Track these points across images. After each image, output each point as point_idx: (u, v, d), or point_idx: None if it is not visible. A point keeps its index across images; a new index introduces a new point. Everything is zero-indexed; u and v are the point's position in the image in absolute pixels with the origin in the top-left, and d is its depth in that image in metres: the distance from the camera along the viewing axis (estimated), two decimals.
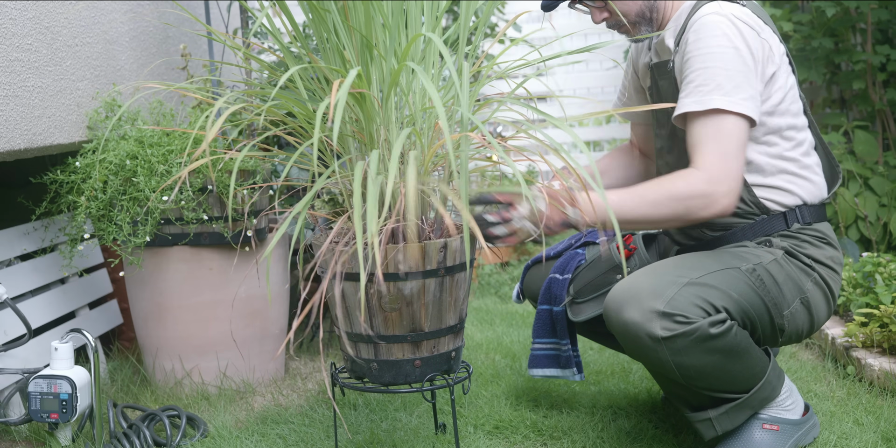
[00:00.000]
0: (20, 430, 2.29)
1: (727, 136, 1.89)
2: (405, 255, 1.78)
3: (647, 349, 1.82)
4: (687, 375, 1.85)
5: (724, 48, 1.91)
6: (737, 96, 1.89)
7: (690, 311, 1.80)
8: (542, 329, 2.24)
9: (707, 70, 1.91)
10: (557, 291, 2.19)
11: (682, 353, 1.81)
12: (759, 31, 1.95)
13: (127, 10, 2.86)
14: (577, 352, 2.21)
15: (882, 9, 3.64)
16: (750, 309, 1.89)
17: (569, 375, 2.22)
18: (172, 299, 2.53)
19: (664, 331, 1.79)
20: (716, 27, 1.92)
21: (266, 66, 2.02)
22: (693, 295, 1.82)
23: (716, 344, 1.82)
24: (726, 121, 1.89)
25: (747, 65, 1.91)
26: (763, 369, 1.93)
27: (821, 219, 2.05)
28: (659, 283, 1.83)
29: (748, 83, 1.90)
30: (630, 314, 1.82)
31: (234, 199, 2.47)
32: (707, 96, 1.89)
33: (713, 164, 1.88)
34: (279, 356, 2.70)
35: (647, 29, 2.08)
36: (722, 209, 1.89)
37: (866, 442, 2.06)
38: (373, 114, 1.84)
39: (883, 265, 2.79)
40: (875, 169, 3.64)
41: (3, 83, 2.26)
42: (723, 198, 1.88)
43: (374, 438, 2.18)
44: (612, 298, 1.87)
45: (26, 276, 2.53)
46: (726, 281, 1.87)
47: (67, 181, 2.48)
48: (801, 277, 1.98)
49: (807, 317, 1.99)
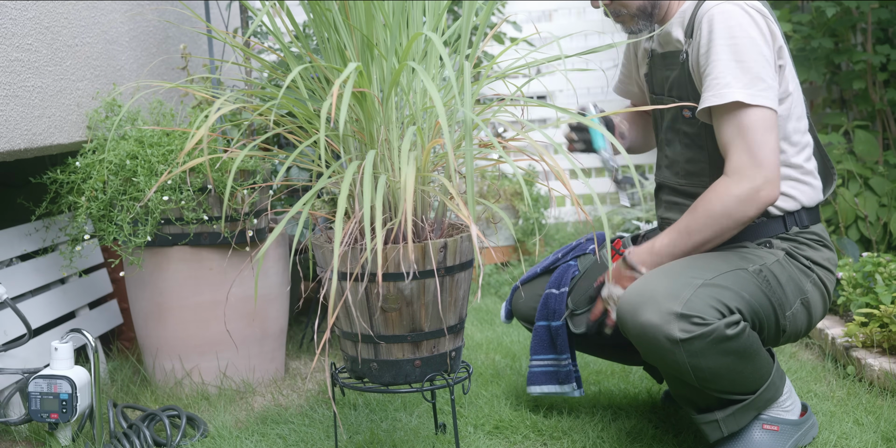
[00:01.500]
0: (20, 430, 2.29)
1: (750, 130, 1.88)
2: (405, 255, 1.78)
3: (664, 352, 1.81)
4: (701, 377, 1.84)
5: (740, 38, 1.89)
6: (755, 88, 1.87)
7: (707, 313, 1.79)
8: (540, 345, 2.22)
9: (722, 62, 1.89)
10: (556, 306, 2.17)
11: (699, 355, 1.80)
12: (770, 21, 1.94)
13: (127, 9, 2.85)
14: (576, 367, 2.20)
15: (882, 8, 3.64)
16: (759, 310, 1.89)
17: (568, 391, 2.21)
18: (172, 299, 2.53)
19: (682, 333, 1.78)
20: (730, 17, 1.90)
21: (267, 65, 2.01)
22: (709, 296, 1.82)
23: (731, 345, 1.82)
24: (748, 115, 1.88)
25: (763, 54, 1.89)
26: (769, 370, 1.93)
27: (816, 221, 2.06)
28: (674, 285, 1.83)
29: (766, 73, 1.89)
30: (647, 316, 1.80)
31: (234, 200, 2.46)
32: (725, 89, 1.87)
33: (742, 162, 1.88)
34: (279, 356, 2.70)
35: (644, 24, 2.08)
36: (766, 200, 1.89)
37: (866, 442, 2.06)
38: (373, 113, 1.84)
39: (883, 265, 2.79)
40: (875, 169, 3.64)
41: (3, 83, 2.26)
42: (761, 191, 1.87)
43: (374, 438, 2.18)
44: (626, 301, 1.86)
45: (26, 276, 2.53)
46: (737, 282, 1.87)
47: (67, 181, 2.48)
48: (802, 278, 1.98)
49: (806, 317, 2.00)
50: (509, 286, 3.85)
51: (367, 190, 1.60)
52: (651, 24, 2.08)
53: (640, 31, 2.10)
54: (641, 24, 2.08)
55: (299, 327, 3.16)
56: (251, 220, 2.51)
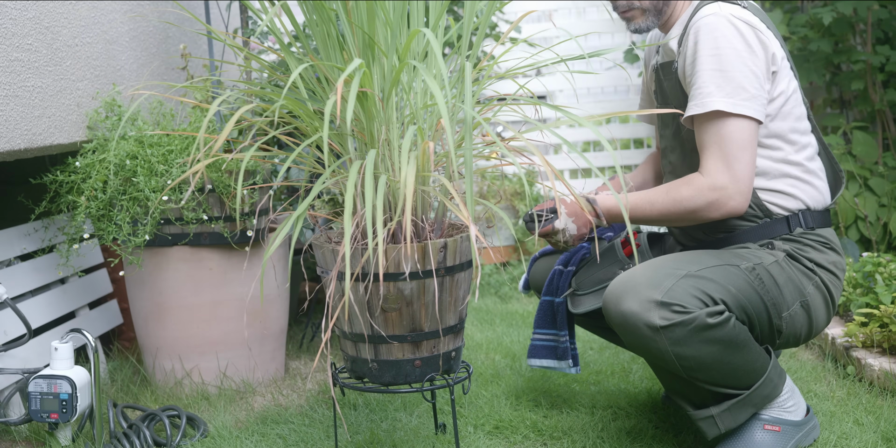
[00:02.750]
0: (20, 430, 2.29)
1: (728, 140, 1.92)
2: (405, 255, 1.78)
3: (645, 339, 1.83)
4: (687, 366, 1.85)
5: (724, 49, 1.92)
6: (737, 97, 1.90)
7: (688, 302, 1.82)
8: (543, 320, 2.25)
9: (706, 72, 1.93)
10: (559, 283, 2.21)
11: (681, 343, 1.82)
12: (759, 31, 1.95)
13: (127, 9, 2.85)
14: (574, 344, 2.22)
15: (882, 9, 3.64)
16: (748, 305, 1.90)
17: (564, 367, 2.23)
18: (172, 299, 2.53)
19: (662, 320, 1.80)
20: (714, 29, 1.93)
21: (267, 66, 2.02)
22: (691, 286, 1.84)
23: (714, 334, 1.83)
24: (728, 124, 1.92)
25: (747, 65, 1.92)
26: (764, 366, 1.93)
27: (825, 225, 2.06)
28: (656, 275, 1.86)
29: (749, 83, 1.91)
30: (628, 305, 1.83)
31: (234, 200, 2.47)
32: (708, 99, 1.91)
33: (717, 169, 1.92)
34: (279, 356, 2.70)
35: (653, 20, 2.10)
36: (730, 210, 1.94)
37: (866, 442, 2.06)
38: (374, 112, 1.84)
39: (883, 265, 2.79)
40: (874, 169, 3.65)
41: (3, 83, 2.26)
42: (730, 200, 1.92)
43: (374, 438, 2.18)
44: (610, 291, 1.89)
45: (26, 276, 2.53)
46: (725, 276, 1.89)
47: (67, 181, 2.48)
48: (803, 280, 1.98)
49: (806, 321, 2.00)
50: (509, 286, 3.86)
51: (370, 189, 1.60)
52: (658, 22, 2.11)
53: (646, 30, 2.11)
54: (651, 20, 2.10)
55: (299, 327, 3.16)
56: (251, 220, 2.51)
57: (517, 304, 3.64)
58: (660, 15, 2.09)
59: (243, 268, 2.53)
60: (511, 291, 3.82)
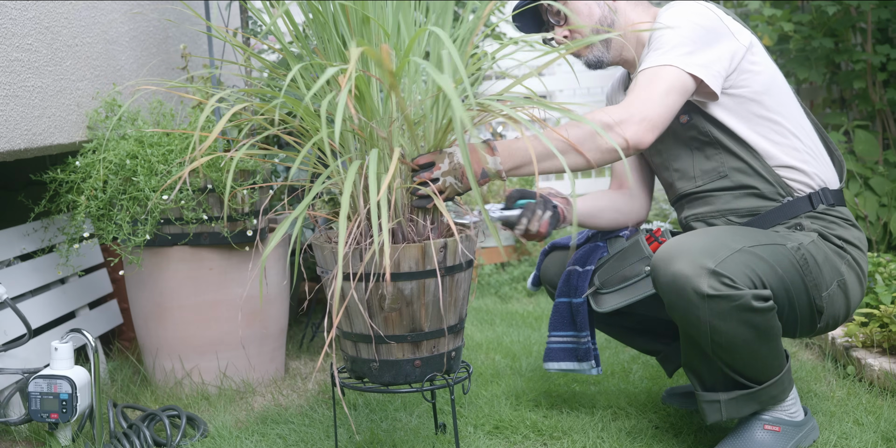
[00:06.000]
0: (20, 430, 2.29)
1: (660, 80, 1.92)
2: (405, 255, 1.78)
3: (689, 305, 1.82)
4: (717, 342, 1.85)
5: (683, 23, 1.97)
6: (691, 59, 1.93)
7: (739, 278, 1.81)
8: (560, 322, 2.23)
9: (664, 41, 1.97)
10: (578, 283, 2.18)
11: (721, 317, 1.82)
12: (720, 15, 2.01)
13: (127, 9, 2.85)
14: (595, 345, 2.21)
15: (882, 8, 3.64)
16: (791, 287, 1.91)
17: (586, 369, 2.21)
18: (172, 299, 2.53)
19: (710, 289, 1.80)
20: (673, 13, 2.00)
21: (268, 65, 2.02)
22: (743, 263, 1.83)
23: (754, 318, 1.83)
24: (665, 70, 1.93)
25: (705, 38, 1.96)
26: (781, 366, 1.95)
27: (841, 203, 2.08)
28: (712, 244, 1.85)
29: (704, 51, 1.95)
30: (680, 266, 1.82)
31: (234, 200, 2.46)
32: (662, 57, 1.94)
33: (634, 97, 1.90)
34: (279, 356, 2.70)
35: (602, 50, 2.12)
36: (632, 137, 1.85)
37: (866, 442, 2.06)
38: (373, 111, 1.83)
39: (883, 265, 2.79)
40: (875, 169, 3.64)
41: (3, 83, 2.26)
42: (632, 124, 1.86)
43: (374, 438, 2.18)
44: (661, 253, 1.87)
45: (26, 276, 2.53)
46: (774, 256, 1.89)
47: (67, 181, 2.48)
48: (836, 260, 2.00)
49: (843, 300, 2.01)
50: (509, 286, 3.85)
51: (373, 188, 1.59)
52: (610, 55, 2.13)
53: (599, 63, 2.14)
54: (600, 49, 2.13)
55: (299, 327, 3.16)
56: (251, 220, 2.51)
57: (517, 304, 3.64)
58: (608, 45, 2.11)
59: (246, 268, 2.53)
60: (511, 291, 3.82)
